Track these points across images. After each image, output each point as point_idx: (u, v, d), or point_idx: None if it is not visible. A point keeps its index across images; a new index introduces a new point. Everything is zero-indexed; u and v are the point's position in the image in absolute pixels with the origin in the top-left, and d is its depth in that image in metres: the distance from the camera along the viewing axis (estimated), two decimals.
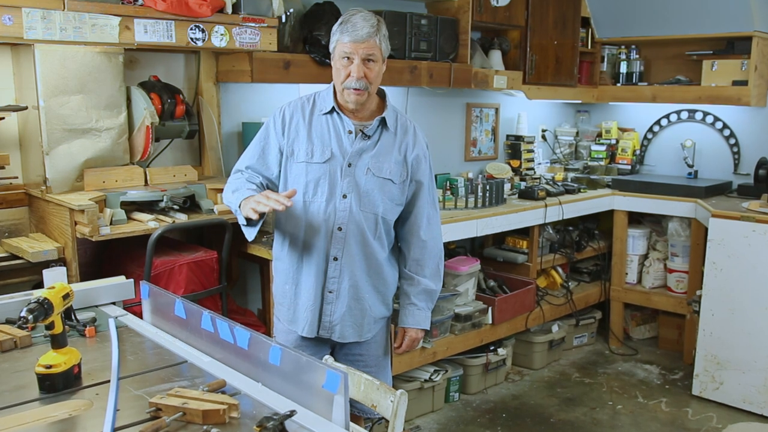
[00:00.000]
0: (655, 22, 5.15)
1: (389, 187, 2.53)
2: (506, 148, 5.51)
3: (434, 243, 2.67)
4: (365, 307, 2.60)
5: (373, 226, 2.54)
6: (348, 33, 2.39)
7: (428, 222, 2.64)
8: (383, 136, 2.54)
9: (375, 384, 2.16)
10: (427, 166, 2.63)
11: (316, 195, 2.49)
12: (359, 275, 2.55)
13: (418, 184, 2.61)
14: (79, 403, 1.69)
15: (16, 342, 2.04)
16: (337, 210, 2.48)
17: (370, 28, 2.38)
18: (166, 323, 2.18)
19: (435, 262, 2.68)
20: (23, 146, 3.21)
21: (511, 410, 4.28)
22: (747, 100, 4.82)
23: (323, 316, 2.57)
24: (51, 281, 2.26)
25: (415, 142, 2.59)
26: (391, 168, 2.52)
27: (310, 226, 2.51)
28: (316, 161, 2.49)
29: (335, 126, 2.52)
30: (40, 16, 2.71)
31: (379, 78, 2.49)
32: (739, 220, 4.17)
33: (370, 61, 2.42)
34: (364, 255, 2.54)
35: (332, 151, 2.49)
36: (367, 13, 2.44)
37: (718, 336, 4.29)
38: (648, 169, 5.71)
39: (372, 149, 2.52)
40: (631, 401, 4.42)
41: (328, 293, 2.55)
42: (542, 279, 5.06)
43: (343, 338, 2.60)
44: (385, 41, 2.46)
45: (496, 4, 4.51)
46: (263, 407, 1.66)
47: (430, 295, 2.70)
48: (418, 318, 2.68)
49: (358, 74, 2.40)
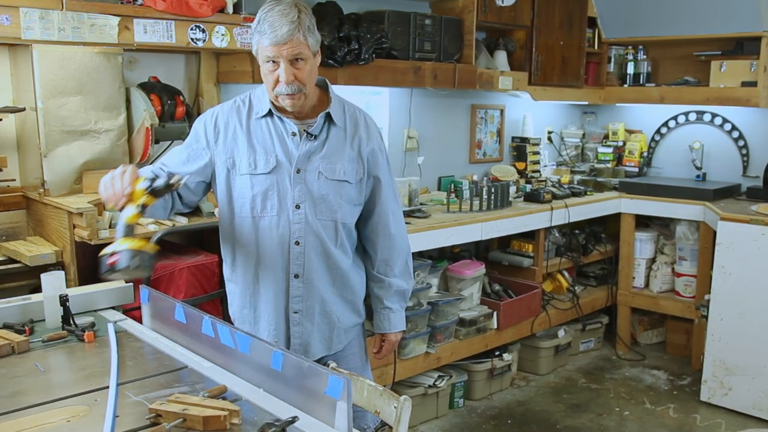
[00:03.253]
0: (662, 22, 5.12)
1: (346, 189, 2.31)
2: (512, 150, 5.47)
3: (402, 239, 2.49)
4: (333, 320, 2.41)
5: (333, 234, 2.32)
6: (266, 35, 2.10)
7: (394, 217, 2.45)
8: (331, 133, 2.30)
9: (378, 390, 2.12)
10: (384, 159, 2.41)
11: (266, 209, 2.26)
12: (324, 289, 2.35)
13: (377, 180, 2.39)
14: (78, 409, 1.67)
15: (13, 347, 2.02)
16: (291, 223, 2.26)
17: (289, 25, 2.08)
18: (166, 328, 2.16)
19: (403, 259, 2.51)
20: (21, 148, 3.19)
21: (517, 416, 4.25)
22: (756, 102, 4.79)
23: (292, 338, 2.37)
24: (49, 285, 2.24)
25: (368, 135, 2.35)
26: (345, 168, 2.29)
27: (264, 244, 2.29)
28: (261, 172, 2.24)
29: (276, 129, 2.27)
30: (38, 16, 2.69)
31: (313, 75, 2.22)
32: (748, 224, 4.14)
33: (299, 60, 2.14)
34: (327, 267, 2.34)
35: (277, 158, 2.24)
36: (283, 6, 2.11)
37: (726, 341, 4.26)
38: (655, 171, 5.68)
39: (321, 150, 2.27)
40: (639, 407, 4.38)
41: (293, 314, 2.34)
42: (548, 283, 5.03)
43: (313, 355, 2.39)
44: (312, 34, 2.15)
45: (501, 3, 4.48)
46: (265, 413, 1.65)
47: (403, 295, 2.53)
48: (395, 321, 2.53)
49: (287, 78, 2.13)
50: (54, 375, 1.93)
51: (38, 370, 1.92)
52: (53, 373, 1.93)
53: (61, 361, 2.03)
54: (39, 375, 1.89)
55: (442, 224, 3.94)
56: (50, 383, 1.86)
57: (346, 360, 2.50)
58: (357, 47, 3.67)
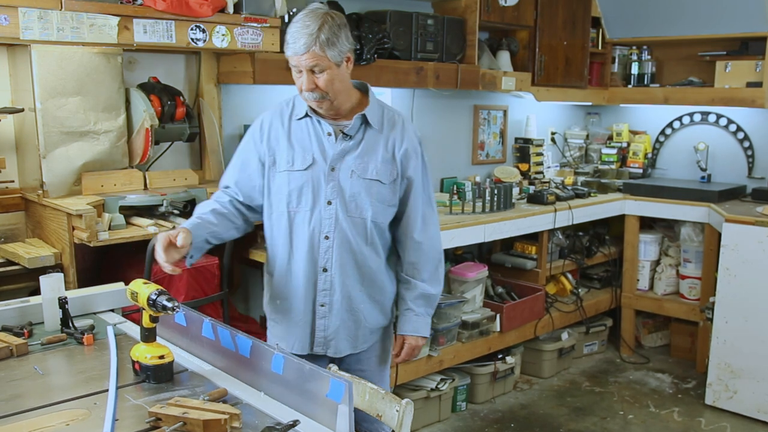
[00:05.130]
0: (667, 22, 5.11)
1: (377, 188, 2.39)
2: (515, 151, 5.46)
3: (431, 244, 2.52)
4: (360, 318, 2.47)
5: (363, 232, 2.40)
6: (289, 45, 2.25)
7: (423, 222, 2.49)
8: (367, 134, 2.40)
9: (380, 393, 2.13)
10: (419, 161, 2.46)
11: (300, 204, 2.38)
12: (352, 285, 2.43)
13: (409, 180, 2.44)
14: (77, 413, 1.67)
15: (12, 350, 2.02)
16: (323, 218, 2.37)
17: (307, 38, 2.20)
18: (166, 331, 2.15)
19: (433, 264, 2.53)
20: (19, 149, 3.18)
21: (520, 420, 4.22)
22: (761, 102, 4.77)
23: (316, 331, 2.45)
24: (47, 288, 2.24)
25: (403, 137, 2.43)
26: (378, 168, 2.38)
27: (297, 238, 2.40)
28: (298, 168, 2.37)
29: (315, 129, 2.40)
30: (37, 16, 2.68)
31: (338, 83, 2.30)
32: (754, 225, 4.12)
33: (318, 70, 2.25)
34: (355, 263, 2.42)
35: (314, 157, 2.37)
36: (308, 16, 2.23)
37: (731, 344, 4.24)
38: (660, 172, 5.66)
39: (355, 150, 2.38)
40: (643, 411, 4.36)
41: (319, 307, 2.43)
42: (551, 285, 5.02)
43: (339, 352, 2.48)
44: (331, 46, 2.23)
45: (504, 3, 4.48)
46: (265, 417, 1.66)
47: (429, 300, 2.55)
48: (416, 324, 2.54)
49: (307, 86, 2.27)
50: (53, 378, 1.92)
51: (37, 373, 1.92)
52: (52, 377, 1.93)
53: (60, 364, 2.03)
54: (38, 378, 1.89)
55: (444, 226, 3.89)
56: (49, 386, 1.86)
57: (370, 360, 2.57)
58: (359, 47, 3.66)
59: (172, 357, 1.88)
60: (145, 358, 1.85)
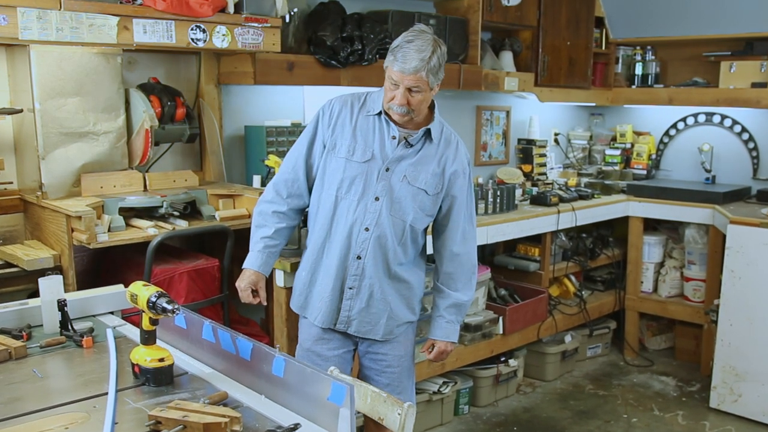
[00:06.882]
0: (671, 22, 5.11)
1: (422, 197, 2.60)
2: (518, 153, 5.46)
3: (467, 257, 2.73)
4: (389, 309, 2.67)
5: (399, 232, 2.61)
6: (398, 62, 2.43)
7: (463, 237, 2.70)
8: (425, 147, 2.61)
9: (382, 396, 2.12)
10: (465, 181, 2.68)
11: (349, 192, 2.58)
12: (379, 276, 2.63)
13: (453, 198, 2.66)
14: (77, 416, 1.67)
15: (11, 353, 2.02)
16: (367, 211, 2.57)
17: (419, 62, 2.40)
18: (166, 333, 2.16)
19: (467, 275, 2.75)
20: (18, 150, 3.17)
21: (523, 423, 4.21)
22: (766, 103, 4.77)
23: (342, 310, 2.66)
24: (47, 290, 2.24)
25: (455, 157, 2.64)
26: (427, 179, 2.59)
27: (338, 222, 2.60)
28: (356, 160, 2.57)
29: (381, 129, 2.60)
30: (36, 16, 2.68)
31: (425, 104, 2.53)
32: (759, 227, 4.10)
33: (415, 90, 2.46)
34: (384, 258, 2.62)
35: (373, 153, 2.57)
36: (423, 41, 2.43)
37: (736, 346, 4.22)
38: (664, 174, 5.65)
39: (412, 157, 2.59)
40: (647, 414, 4.35)
41: (348, 289, 2.63)
42: (555, 288, 5.00)
43: (360, 333, 2.68)
44: (435, 74, 2.47)
45: (507, 3, 4.47)
46: (266, 420, 1.66)
47: (460, 309, 2.76)
48: (447, 331, 2.74)
49: (400, 101, 2.47)
50: (52, 381, 1.92)
51: (36, 376, 1.93)
52: (51, 379, 1.93)
53: (59, 367, 2.03)
54: (37, 381, 1.90)
55: None
56: (48, 389, 1.86)
57: (393, 348, 2.75)
58: (360, 47, 3.66)
59: (172, 360, 1.88)
60: (145, 361, 1.85)
